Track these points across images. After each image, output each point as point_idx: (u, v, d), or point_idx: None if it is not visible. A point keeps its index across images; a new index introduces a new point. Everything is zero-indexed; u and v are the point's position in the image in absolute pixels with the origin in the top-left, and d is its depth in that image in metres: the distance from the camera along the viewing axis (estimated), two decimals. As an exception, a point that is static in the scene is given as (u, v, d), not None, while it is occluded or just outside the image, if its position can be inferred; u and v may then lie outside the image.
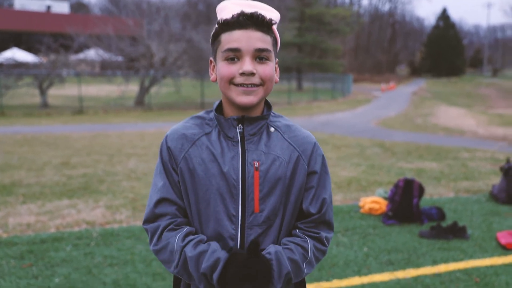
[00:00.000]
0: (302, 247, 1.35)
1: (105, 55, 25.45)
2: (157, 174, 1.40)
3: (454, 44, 62.23)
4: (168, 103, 23.01)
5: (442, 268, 3.73)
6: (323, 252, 1.42)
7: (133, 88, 23.48)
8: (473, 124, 16.90)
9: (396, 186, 4.92)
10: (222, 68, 1.32)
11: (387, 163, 8.72)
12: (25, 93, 21.09)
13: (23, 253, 3.94)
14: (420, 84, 47.11)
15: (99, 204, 5.61)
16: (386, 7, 77.64)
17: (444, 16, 64.42)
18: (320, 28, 40.36)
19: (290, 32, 39.50)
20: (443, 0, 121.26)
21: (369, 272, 3.64)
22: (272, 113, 1.43)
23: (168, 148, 1.37)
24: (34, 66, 23.10)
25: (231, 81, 1.31)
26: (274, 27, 1.36)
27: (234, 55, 1.30)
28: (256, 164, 1.32)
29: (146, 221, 1.39)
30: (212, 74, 1.40)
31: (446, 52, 60.86)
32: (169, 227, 1.35)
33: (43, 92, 20.79)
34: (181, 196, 1.38)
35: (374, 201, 5.14)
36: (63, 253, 3.95)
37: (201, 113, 1.45)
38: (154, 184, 1.40)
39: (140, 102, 22.47)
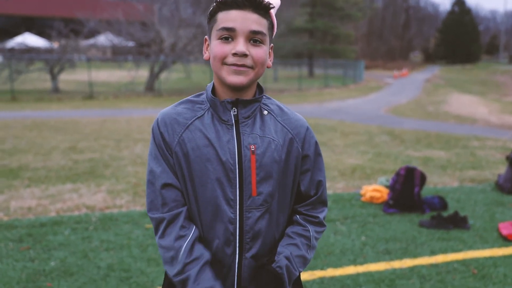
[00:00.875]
0: (305, 237, 1.41)
1: (115, 40, 25.46)
2: (153, 160, 1.37)
3: (470, 30, 61.10)
4: (178, 89, 23.02)
5: (439, 258, 3.68)
6: (322, 231, 1.49)
7: (143, 73, 23.52)
8: (486, 112, 16.63)
9: (398, 174, 4.85)
10: (216, 47, 1.31)
11: (395, 151, 8.63)
12: (37, 78, 21.24)
13: (22, 236, 3.98)
14: (434, 71, 46.44)
15: (101, 189, 5.64)
16: (401, -8, 76.13)
17: (459, 1, 63.12)
18: (332, 13, 39.85)
19: (302, 17, 39.07)
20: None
21: (365, 261, 3.61)
22: (264, 96, 1.42)
23: (161, 133, 1.35)
24: (45, 51, 23.23)
25: (223, 61, 1.30)
26: (272, 11, 1.34)
27: (229, 34, 1.29)
28: (252, 147, 1.33)
29: (152, 209, 1.37)
30: (205, 53, 1.39)
31: (461, 39, 59.81)
32: (174, 222, 1.34)
33: (54, 77, 20.93)
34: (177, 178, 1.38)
35: (376, 190, 5.09)
36: (61, 237, 3.98)
37: (190, 96, 1.43)
38: (151, 170, 1.37)
39: (150, 87, 22.51)
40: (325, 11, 39.72)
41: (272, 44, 1.39)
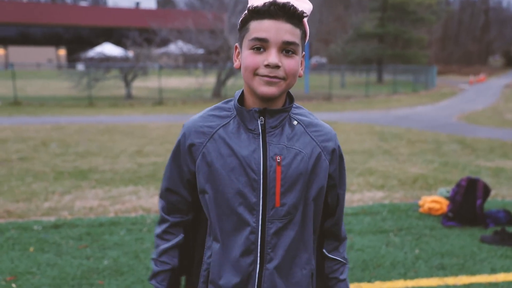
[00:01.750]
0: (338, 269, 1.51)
1: (185, 48, 26.36)
2: (168, 163, 1.47)
3: (558, 32, 56.50)
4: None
5: (500, 277, 3.42)
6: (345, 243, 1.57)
7: (211, 80, 24.14)
8: None
9: (458, 185, 4.58)
10: (247, 58, 1.30)
11: (464, 161, 8.16)
12: (112, 85, 22.50)
13: (82, 235, 4.22)
14: (516, 76, 43.43)
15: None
16: (480, -7, 72.21)
17: (547, 1, 58.65)
18: (403, 17, 38.60)
19: (371, 22, 38.21)
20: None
21: (416, 276, 3.43)
22: (294, 105, 1.41)
23: (185, 145, 1.39)
24: (121, 59, 24.56)
25: (255, 72, 1.29)
26: (305, 19, 1.32)
27: (261, 45, 1.27)
28: (278, 158, 1.31)
29: (160, 196, 1.52)
30: (236, 61, 1.39)
31: (548, 41, 55.44)
32: (165, 223, 1.50)
33: (127, 84, 22.07)
34: (187, 188, 1.44)
35: (435, 201, 4.83)
36: (116, 237, 4.17)
37: (219, 103, 1.44)
38: (166, 168, 1.49)
39: (217, 94, 23.03)
40: (397, 15, 38.57)
41: (304, 53, 1.37)
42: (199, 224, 1.51)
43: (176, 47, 26.99)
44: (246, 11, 1.31)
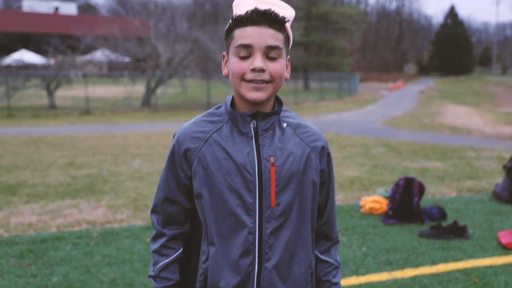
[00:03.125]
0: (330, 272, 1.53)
1: (112, 56, 25.59)
2: (164, 172, 1.48)
3: (463, 42, 61.70)
4: (174, 104, 23.09)
5: (441, 268, 3.71)
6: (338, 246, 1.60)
7: (139, 89, 23.59)
8: (481, 123, 16.77)
9: (397, 185, 4.89)
10: (234, 64, 1.34)
11: (392, 163, 8.68)
12: (33, 94, 21.27)
13: (23, 252, 3.98)
14: (428, 83, 46.81)
15: (101, 204, 5.64)
16: (394, 5, 77.12)
17: (452, 13, 63.86)
18: (327, 27, 40.26)
19: (297, 31, 39.37)
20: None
21: (367, 271, 3.63)
22: (283, 108, 1.46)
23: (180, 150, 1.41)
24: (42, 67, 23.29)
25: (242, 77, 1.34)
26: (287, 24, 1.37)
27: (246, 51, 1.32)
28: (272, 159, 1.36)
29: (153, 212, 1.52)
30: (224, 69, 1.43)
31: (455, 50, 60.36)
32: (163, 237, 1.49)
33: (50, 93, 20.97)
34: (185, 195, 1.46)
35: (375, 201, 5.12)
36: (62, 252, 3.98)
37: (210, 109, 1.47)
38: (160, 180, 1.49)
39: (147, 103, 22.57)
40: (320, 25, 40.13)
41: (289, 56, 1.43)
42: (193, 232, 1.52)
43: (102, 54, 26.08)
44: (230, 21, 1.36)
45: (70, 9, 50.27)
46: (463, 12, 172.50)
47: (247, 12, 1.32)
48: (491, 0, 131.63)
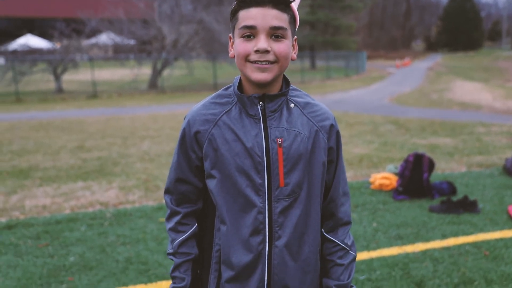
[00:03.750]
0: (337, 252, 1.50)
1: (117, 38, 25.51)
2: (175, 154, 1.50)
3: (472, 17, 60.75)
4: (181, 86, 23.06)
5: (451, 241, 3.73)
6: (349, 229, 1.56)
7: (146, 71, 23.56)
8: (490, 98, 16.60)
9: (406, 161, 4.89)
10: (238, 45, 1.35)
11: (400, 140, 8.66)
12: (40, 79, 21.33)
13: (39, 234, 4.05)
14: (436, 59, 46.28)
15: (113, 186, 5.71)
16: (401, -19, 75.67)
17: (460, -12, 62.72)
18: (332, 4, 39.71)
19: (302, 9, 38.89)
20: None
21: (378, 246, 3.66)
22: (291, 88, 1.46)
23: (190, 133, 1.43)
24: (48, 52, 23.29)
25: (246, 58, 1.34)
26: (293, 4, 1.36)
27: (250, 32, 1.32)
28: (279, 141, 1.37)
29: (166, 192, 1.55)
30: (231, 50, 1.43)
31: (463, 26, 59.49)
32: (177, 215, 1.52)
33: (57, 78, 21.02)
34: (196, 175, 1.48)
35: (385, 177, 5.13)
36: (77, 233, 4.05)
37: (219, 91, 1.48)
38: (172, 162, 1.51)
39: (153, 85, 22.56)
40: (326, 3, 39.58)
41: (296, 37, 1.42)
42: (207, 212, 1.54)
43: (107, 37, 26.00)
44: (235, 2, 1.36)
45: (74, -7, 49.85)
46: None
47: None
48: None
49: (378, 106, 14.65)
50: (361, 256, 3.50)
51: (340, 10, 40.59)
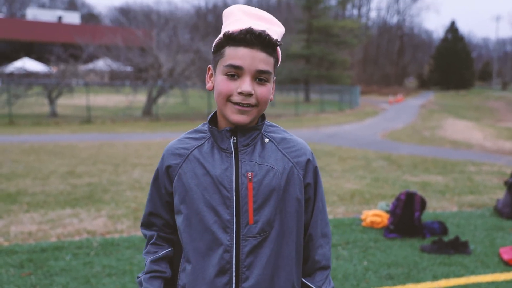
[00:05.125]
0: None
1: (114, 65, 25.72)
2: (150, 187, 1.50)
3: (463, 57, 62.09)
4: (175, 114, 23.13)
5: (442, 283, 3.69)
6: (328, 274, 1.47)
7: (141, 98, 23.65)
8: (481, 137, 16.78)
9: (398, 199, 4.89)
10: (221, 84, 1.31)
11: (392, 176, 8.68)
12: (34, 102, 21.32)
13: (23, 262, 3.96)
14: (429, 97, 46.96)
15: (101, 214, 5.63)
16: (395, 19, 77.67)
17: (452, 28, 64.38)
18: (328, 40, 40.54)
19: (298, 43, 39.68)
20: (452, 13, 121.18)
21: (368, 286, 3.60)
22: (267, 123, 1.43)
23: (163, 167, 1.43)
24: (44, 75, 23.36)
25: (228, 98, 1.31)
26: (279, 47, 1.36)
27: (235, 72, 1.29)
28: (249, 175, 1.32)
29: (142, 225, 1.55)
30: (208, 82, 1.40)
31: (455, 65, 60.73)
32: (152, 241, 1.49)
33: (52, 102, 21.02)
34: (168, 210, 1.47)
35: (376, 214, 5.11)
36: (62, 262, 3.96)
37: (199, 126, 1.46)
38: (148, 194, 1.51)
39: (148, 112, 22.61)
40: (321, 38, 40.40)
41: (275, 77, 1.40)
42: (176, 252, 1.51)
43: (104, 63, 26.20)
44: (221, 35, 1.33)
45: (73, 19, 50.59)
46: (463, 28, 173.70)
47: (241, 31, 1.28)
48: (491, 16, 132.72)
49: (371, 141, 14.74)
50: (351, 295, 3.44)
51: (335, 45, 41.42)
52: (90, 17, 59.32)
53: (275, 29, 1.35)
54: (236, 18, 1.33)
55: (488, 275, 3.86)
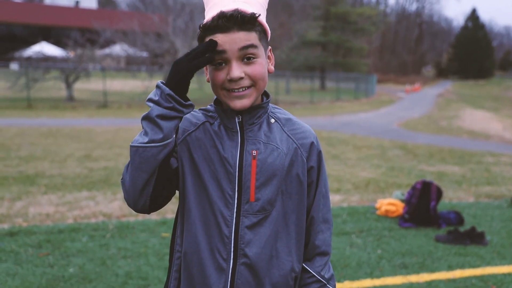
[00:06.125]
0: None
1: (130, 50, 25.81)
2: None
3: (483, 46, 60.90)
4: (190, 99, 23.14)
5: (457, 273, 3.66)
6: (327, 260, 1.45)
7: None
8: (500, 128, 16.51)
9: (414, 188, 4.84)
10: (212, 75, 1.30)
11: (408, 165, 8.60)
12: (52, 86, 21.54)
13: (41, 242, 4.03)
14: (446, 86, 46.25)
15: (117, 197, 5.69)
16: (414, 6, 76.32)
17: (473, 16, 63.06)
18: (345, 27, 40.01)
19: (315, 30, 39.27)
20: (473, 0, 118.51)
21: (382, 274, 3.60)
22: (271, 105, 1.43)
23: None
24: (62, 60, 23.57)
25: (222, 87, 1.29)
26: (261, 18, 1.29)
27: (220, 59, 1.27)
28: (254, 152, 1.32)
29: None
30: (206, 75, 1.38)
31: (475, 54, 59.60)
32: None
33: (69, 86, 21.22)
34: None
35: (391, 203, 5.07)
36: (79, 244, 4.03)
37: (206, 107, 1.45)
38: None
39: (163, 97, 22.68)
40: (338, 25, 39.90)
41: (269, 47, 1.37)
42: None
43: (120, 48, 26.31)
44: (199, 29, 1.31)
45: (91, 3, 50.76)
46: (484, 16, 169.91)
47: (213, 18, 1.25)
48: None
49: (387, 130, 14.60)
50: (364, 283, 3.43)
51: (352, 32, 40.88)
52: (107, 2, 59.44)
53: (250, 5, 1.29)
54: (214, 2, 1.29)
55: (505, 267, 3.81)
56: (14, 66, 26.60)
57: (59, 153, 8.87)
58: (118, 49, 26.96)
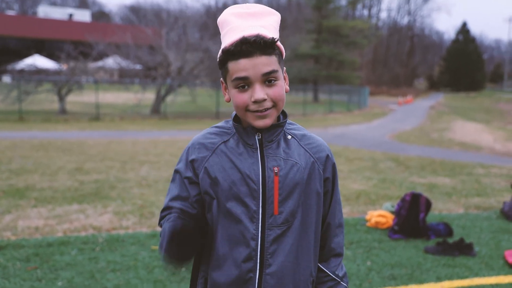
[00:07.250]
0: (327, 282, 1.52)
1: (123, 63, 25.86)
2: (172, 183, 1.49)
3: (474, 59, 61.58)
4: (183, 112, 23.21)
5: (445, 285, 3.68)
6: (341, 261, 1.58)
7: (149, 96, 23.76)
8: (491, 139, 16.65)
9: (403, 200, 4.87)
10: (235, 97, 1.38)
11: (399, 177, 8.64)
12: (44, 99, 21.50)
13: (29, 256, 4.01)
14: (438, 98, 46.65)
15: (108, 210, 5.67)
16: (405, 20, 77.26)
17: (464, 30, 63.84)
18: (337, 40, 40.39)
19: (307, 43, 39.60)
20: (463, 14, 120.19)
21: (371, 286, 3.61)
22: (288, 121, 1.51)
23: (188, 160, 1.45)
24: (54, 72, 23.56)
25: (246, 109, 1.38)
26: (278, 42, 1.38)
27: (244, 83, 1.35)
28: (275, 169, 1.40)
29: (160, 218, 1.51)
30: (225, 95, 1.46)
31: (466, 67, 60.24)
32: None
33: (61, 99, 21.19)
34: (192, 205, 1.46)
35: (381, 215, 5.10)
36: (68, 257, 4.01)
37: (220, 123, 1.53)
38: (168, 190, 1.51)
39: (156, 110, 22.71)
40: (331, 38, 40.27)
41: (284, 68, 1.46)
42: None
43: (113, 61, 26.36)
44: (220, 52, 1.38)
45: (84, 16, 50.96)
46: (475, 29, 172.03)
47: (236, 44, 1.32)
48: (503, 18, 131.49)
49: (379, 142, 14.68)
50: (354, 295, 3.44)
51: (344, 45, 41.25)
52: (100, 15, 59.70)
53: (269, 22, 1.39)
54: (231, 27, 1.37)
55: (492, 277, 3.84)
56: (6, 78, 26.56)
57: (50, 166, 8.83)
58: (111, 62, 27.00)
